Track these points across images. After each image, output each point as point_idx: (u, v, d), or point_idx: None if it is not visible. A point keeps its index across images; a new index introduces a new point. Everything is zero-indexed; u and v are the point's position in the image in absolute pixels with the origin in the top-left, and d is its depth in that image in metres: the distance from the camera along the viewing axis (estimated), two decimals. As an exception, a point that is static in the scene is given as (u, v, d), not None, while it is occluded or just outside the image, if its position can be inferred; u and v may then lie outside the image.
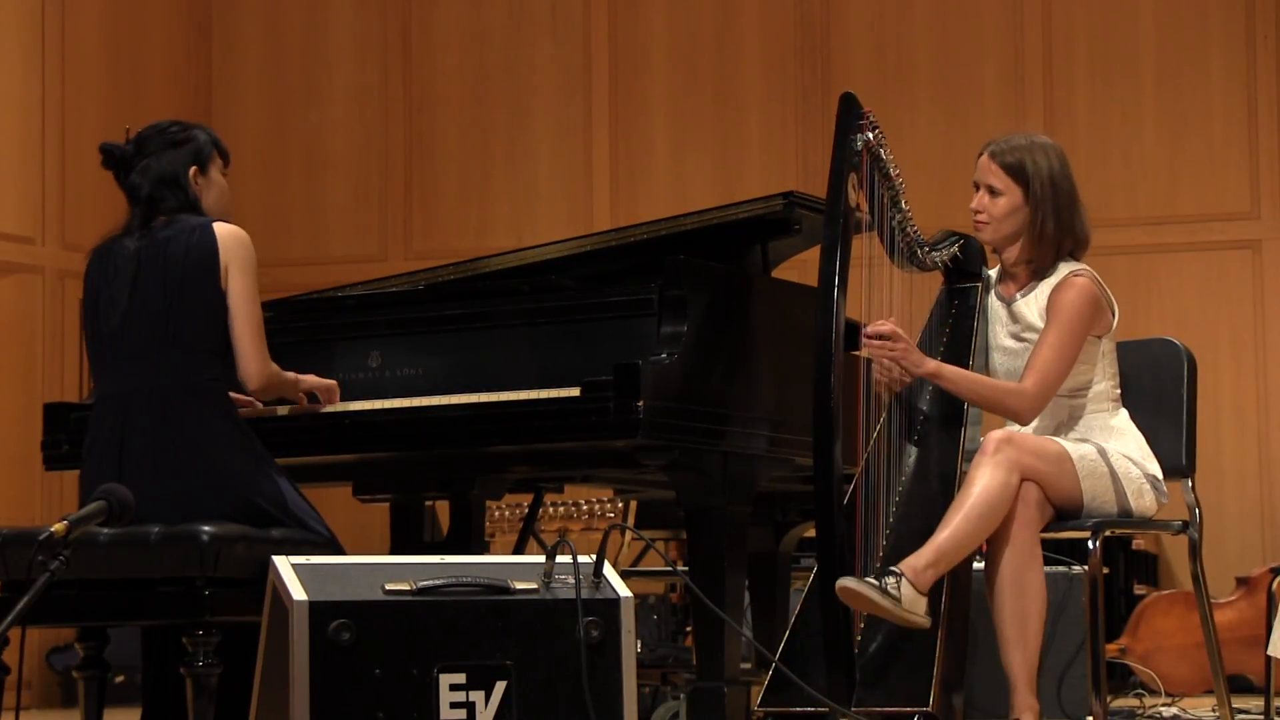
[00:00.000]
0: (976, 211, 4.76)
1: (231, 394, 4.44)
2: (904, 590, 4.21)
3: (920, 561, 4.26)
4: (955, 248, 4.79)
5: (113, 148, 4.49)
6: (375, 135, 9.24)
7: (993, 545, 4.44)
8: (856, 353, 4.70)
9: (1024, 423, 4.64)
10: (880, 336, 4.52)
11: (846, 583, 4.18)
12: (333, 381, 4.70)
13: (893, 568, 4.25)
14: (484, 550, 5.13)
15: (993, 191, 4.73)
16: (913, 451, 4.66)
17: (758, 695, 4.40)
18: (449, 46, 9.21)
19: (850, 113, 4.46)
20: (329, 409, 4.67)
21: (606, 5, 9.04)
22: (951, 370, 4.62)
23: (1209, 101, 8.31)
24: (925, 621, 4.22)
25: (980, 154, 4.78)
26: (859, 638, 4.35)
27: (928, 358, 4.60)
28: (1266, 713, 5.13)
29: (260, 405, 4.66)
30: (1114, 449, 4.65)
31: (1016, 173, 4.71)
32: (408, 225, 9.16)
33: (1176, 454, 4.95)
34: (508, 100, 9.12)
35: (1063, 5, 8.52)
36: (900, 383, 4.66)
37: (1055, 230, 4.69)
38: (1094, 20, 8.48)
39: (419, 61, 9.23)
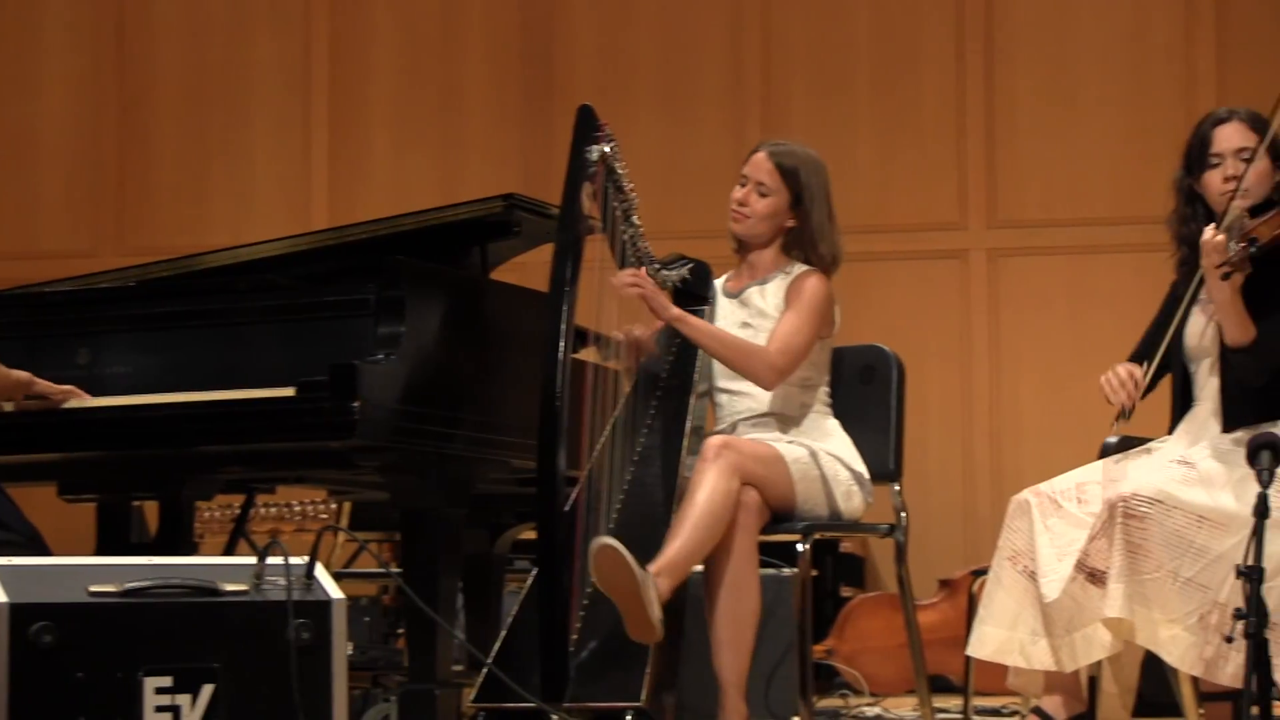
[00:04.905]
0: (740, 204, 4.81)
1: None
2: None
3: (653, 569, 4.29)
4: (685, 270, 4.85)
5: None
6: (88, 127, 9.05)
7: (712, 549, 4.49)
8: (581, 357, 4.73)
9: (767, 385, 4.68)
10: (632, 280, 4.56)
11: (609, 541, 4.16)
12: (69, 387, 4.60)
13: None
14: (193, 551, 5.05)
15: (761, 189, 4.79)
16: (637, 454, 4.70)
17: (469, 697, 4.40)
18: (167, 39, 9.05)
19: (587, 124, 4.49)
20: (33, 407, 4.56)
21: (328, 3, 8.97)
22: (696, 319, 4.68)
23: (921, 114, 8.51)
24: (660, 627, 4.25)
25: (756, 150, 4.84)
26: (575, 637, 4.37)
27: (672, 304, 4.65)
28: (965, 711, 5.27)
29: None
30: (823, 449, 4.74)
31: (790, 178, 4.78)
32: (121, 220, 8.99)
33: (884, 458, 5.06)
34: (226, 95, 8.99)
35: (781, 17, 8.65)
36: (639, 350, 4.69)
37: (816, 243, 4.78)
38: (812, 31, 8.63)
39: (135, 53, 9.06)
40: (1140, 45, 8.36)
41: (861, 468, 4.81)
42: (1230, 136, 4.46)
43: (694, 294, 4.93)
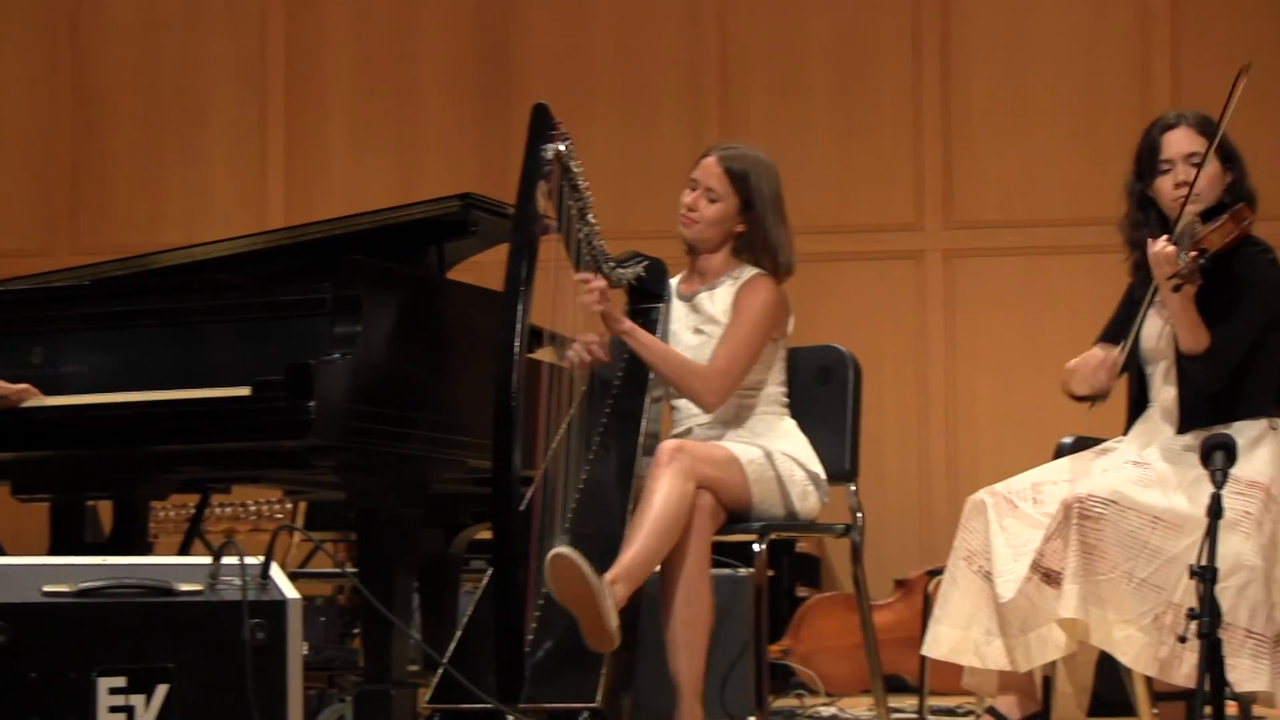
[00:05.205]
0: (690, 209, 4.81)
1: None
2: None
3: (610, 576, 4.29)
4: (640, 268, 4.85)
5: None
6: (42, 126, 9.00)
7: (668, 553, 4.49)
8: (537, 357, 4.73)
9: (707, 407, 4.70)
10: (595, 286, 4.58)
11: (564, 550, 4.16)
12: (25, 386, 4.58)
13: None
14: (148, 551, 5.04)
15: (710, 194, 4.79)
16: (591, 456, 4.70)
17: (425, 697, 4.39)
18: (121, 36, 9.01)
19: (542, 123, 4.48)
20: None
21: (284, 2, 8.94)
22: (644, 333, 4.69)
23: (878, 116, 8.53)
24: (617, 635, 4.24)
25: (706, 155, 4.83)
26: (530, 637, 4.37)
27: (624, 317, 4.66)
28: (920, 711, 5.28)
29: None
30: (778, 450, 4.75)
31: (739, 182, 4.78)
32: (75, 219, 8.95)
33: (841, 458, 5.07)
34: (182, 94, 8.95)
35: (738, 18, 8.66)
36: (592, 364, 4.70)
37: (767, 249, 4.78)
38: (769, 33, 8.63)
39: (89, 50, 9.02)
40: (1096, 47, 8.39)
41: (817, 468, 4.82)
42: (1179, 142, 4.48)
43: (649, 292, 4.93)
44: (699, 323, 4.84)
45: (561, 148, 4.48)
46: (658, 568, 4.51)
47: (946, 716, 6.03)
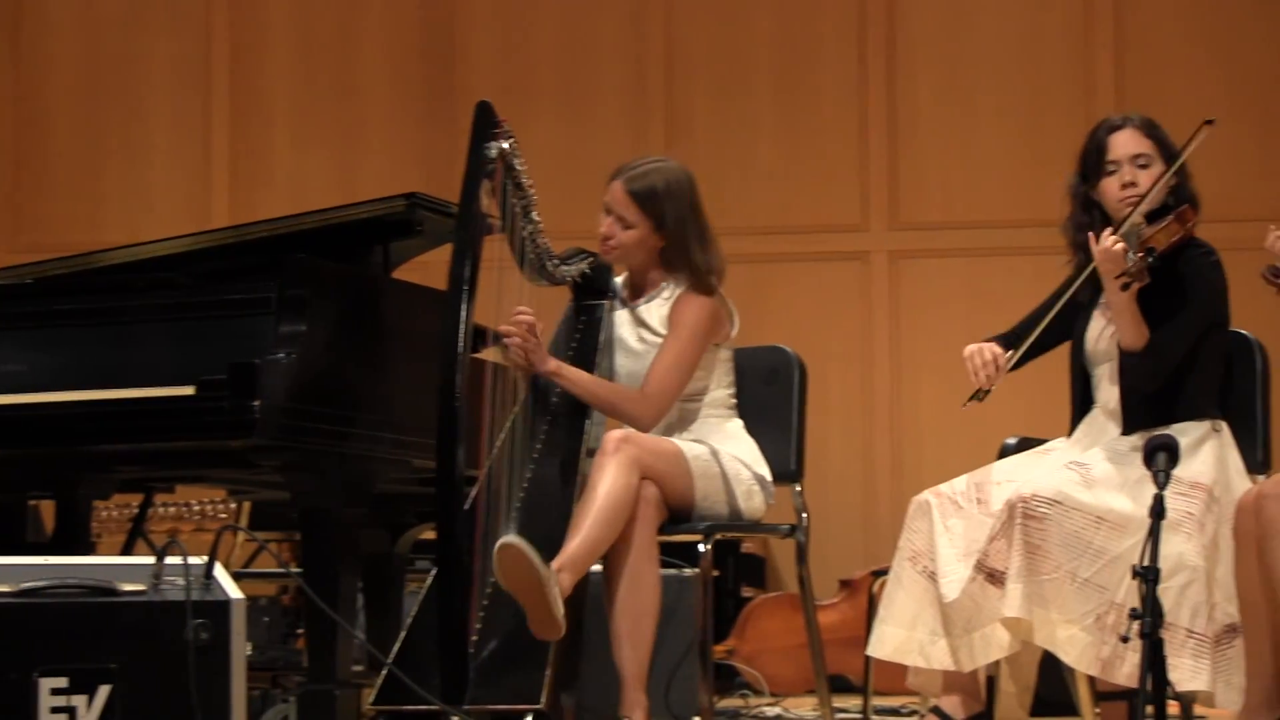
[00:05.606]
0: (606, 237, 4.81)
1: None
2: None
3: (555, 565, 4.28)
4: (585, 264, 4.85)
5: None
6: (-18, 124, 8.95)
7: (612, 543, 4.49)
8: (481, 356, 4.72)
9: (643, 429, 4.72)
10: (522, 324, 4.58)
11: (512, 539, 4.15)
12: None
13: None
14: (90, 551, 5.01)
15: (622, 222, 4.79)
16: (537, 452, 4.70)
17: (369, 697, 4.38)
18: (63, 34, 8.95)
19: (486, 120, 4.47)
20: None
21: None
22: (572, 371, 4.69)
23: (822, 116, 8.54)
24: (564, 623, 4.24)
25: (613, 178, 4.82)
26: (475, 638, 4.36)
27: (551, 357, 4.66)
28: (865, 711, 5.30)
29: None
30: (725, 450, 4.76)
31: (647, 204, 4.76)
32: (16, 218, 8.89)
33: (786, 458, 5.08)
34: (124, 92, 8.90)
35: (683, 18, 8.67)
36: (528, 369, 4.69)
37: (688, 265, 4.78)
38: (713, 33, 8.64)
39: (30, 49, 8.96)
40: (1039, 50, 8.43)
41: (764, 470, 4.83)
42: (1126, 143, 4.51)
43: (593, 288, 4.93)
44: (642, 332, 4.85)
45: (505, 145, 4.47)
46: (600, 563, 4.51)
47: (891, 716, 6.04)
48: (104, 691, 3.53)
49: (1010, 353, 4.53)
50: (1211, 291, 4.43)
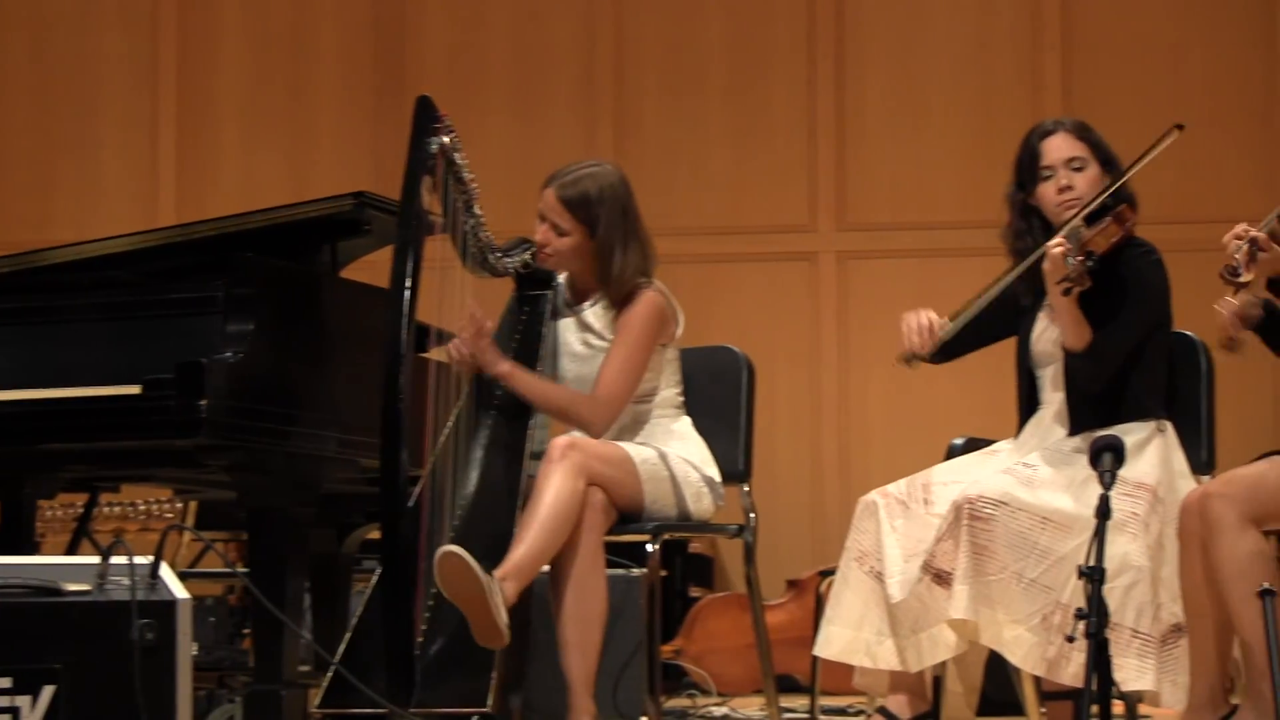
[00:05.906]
0: (543, 245, 4.80)
1: None
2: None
3: (499, 574, 4.27)
4: (527, 254, 4.83)
5: None
6: (-72, 120, 8.89)
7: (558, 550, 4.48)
8: (425, 355, 4.70)
9: (595, 434, 4.70)
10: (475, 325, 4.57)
11: (452, 549, 4.14)
12: None
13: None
14: (34, 551, 4.98)
15: (557, 229, 4.78)
16: (479, 454, 4.69)
17: (316, 697, 4.37)
18: (11, 32, 8.90)
19: (426, 116, 4.46)
20: None
21: (176, -4, 8.88)
22: (524, 375, 4.67)
23: (772, 117, 8.56)
24: (507, 632, 4.23)
25: (545, 184, 4.81)
26: (420, 640, 4.36)
27: (504, 358, 4.65)
28: (812, 711, 5.31)
29: None
30: (674, 453, 4.76)
31: (580, 211, 4.75)
32: (-36, 214, 8.84)
33: (734, 459, 5.08)
34: (72, 90, 8.85)
35: (634, 17, 8.67)
36: (473, 366, 4.68)
37: (622, 268, 4.76)
38: (664, 33, 8.65)
39: (-23, 46, 8.91)
40: (987, 51, 8.46)
41: (713, 472, 4.83)
42: (1059, 148, 4.53)
43: (537, 279, 4.92)
44: (587, 337, 4.84)
45: (446, 140, 4.45)
46: (547, 566, 4.50)
47: (838, 716, 6.06)
48: (48, 692, 3.51)
49: (945, 320, 4.54)
50: (1152, 291, 4.46)
